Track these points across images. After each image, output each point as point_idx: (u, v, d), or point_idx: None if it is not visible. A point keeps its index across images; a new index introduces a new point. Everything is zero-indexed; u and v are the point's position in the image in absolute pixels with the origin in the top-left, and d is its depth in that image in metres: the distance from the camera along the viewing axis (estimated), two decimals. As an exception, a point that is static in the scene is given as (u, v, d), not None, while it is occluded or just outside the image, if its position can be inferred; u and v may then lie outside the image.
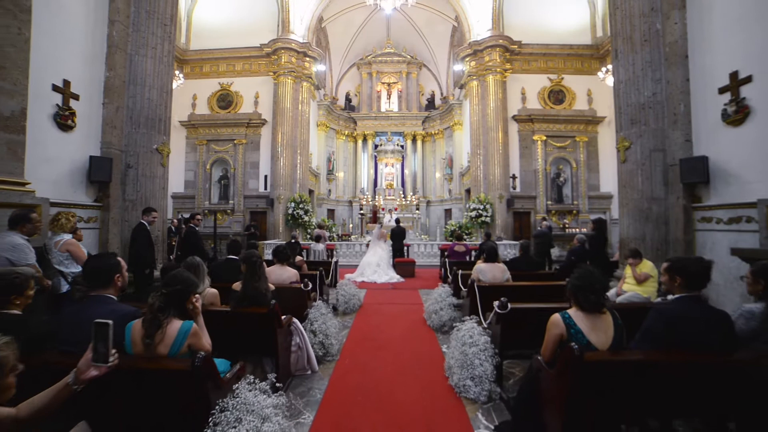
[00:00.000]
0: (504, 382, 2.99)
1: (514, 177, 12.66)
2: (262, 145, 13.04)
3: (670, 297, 2.31)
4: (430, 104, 18.30)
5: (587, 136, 12.65)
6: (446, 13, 16.06)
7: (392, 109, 18.09)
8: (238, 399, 1.87)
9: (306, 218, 12.16)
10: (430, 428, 2.54)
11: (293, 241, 7.04)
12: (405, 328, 4.82)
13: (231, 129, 13.03)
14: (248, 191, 12.93)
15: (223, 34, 13.12)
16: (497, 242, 10.50)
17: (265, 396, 1.98)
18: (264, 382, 2.05)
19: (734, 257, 3.78)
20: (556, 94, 12.88)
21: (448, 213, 16.51)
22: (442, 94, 18.24)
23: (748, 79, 3.92)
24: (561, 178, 12.79)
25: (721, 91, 4.22)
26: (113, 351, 1.32)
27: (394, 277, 8.12)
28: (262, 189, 12.88)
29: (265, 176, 12.92)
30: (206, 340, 1.96)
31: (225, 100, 13.24)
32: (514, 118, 12.78)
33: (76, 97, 4.55)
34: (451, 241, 9.71)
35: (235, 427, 1.71)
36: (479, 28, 13.06)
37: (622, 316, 2.03)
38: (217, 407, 1.77)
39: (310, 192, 14.50)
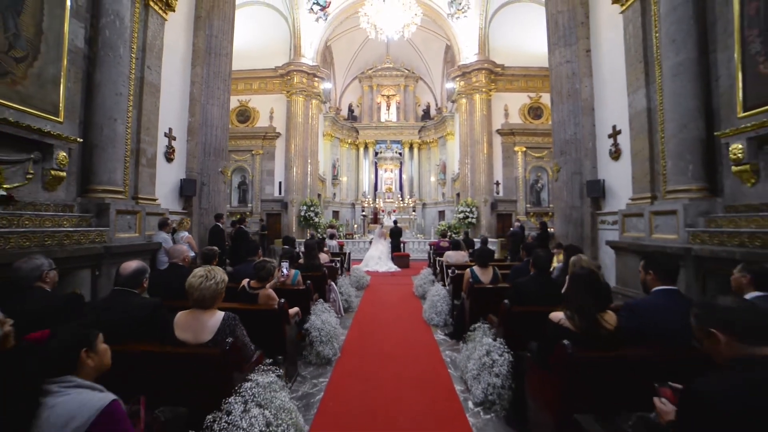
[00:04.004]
0: (454, 314, 5.35)
1: (497, 183, 15.03)
2: (277, 155, 15.38)
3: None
4: (426, 115, 20.70)
5: (561, 148, 15.00)
6: (440, 33, 18.40)
7: (391, 119, 20.48)
8: (317, 306, 4.24)
9: (316, 219, 14.52)
10: (411, 336, 4.90)
11: (320, 237, 9.43)
12: (399, 297, 7.20)
13: (249, 141, 15.37)
14: (264, 196, 15.28)
15: (241, 57, 15.31)
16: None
17: (328, 308, 4.34)
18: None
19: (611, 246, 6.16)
20: (535, 111, 15.25)
21: (441, 214, 18.88)
22: (437, 105, 20.61)
23: (620, 132, 6.30)
24: (539, 184, 15.16)
25: (609, 136, 6.60)
26: (285, 273, 3.69)
27: (392, 267, 10.51)
28: (276, 194, 15.24)
29: (280, 182, 15.28)
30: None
31: (243, 115, 15.59)
32: (497, 131, 15.15)
33: (174, 138, 6.91)
34: (438, 238, 12.10)
35: (319, 316, 4.06)
36: (467, 52, 15.42)
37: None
38: (311, 308, 4.13)
39: (318, 196, 16.83)
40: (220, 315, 2.18)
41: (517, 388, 2.74)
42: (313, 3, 15.12)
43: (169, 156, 6.74)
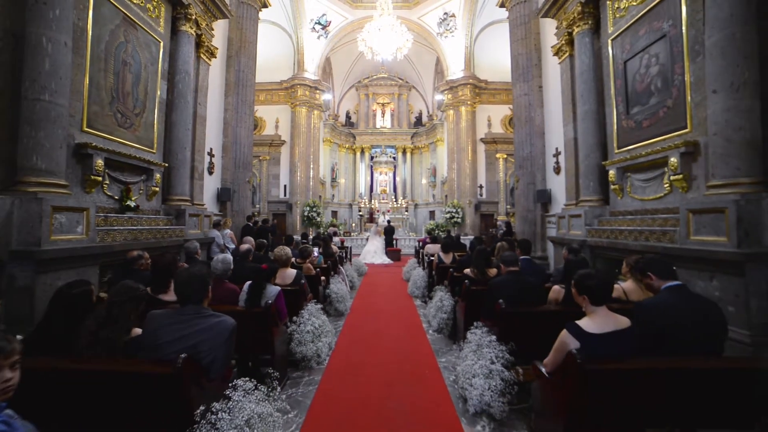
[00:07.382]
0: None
1: (481, 187, 17.22)
2: (282, 161, 17.44)
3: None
4: (418, 121, 22.84)
5: (538, 155, 17.20)
6: (432, 47, 20.51)
7: (386, 125, 22.61)
8: (334, 278, 6.34)
9: (318, 219, 16.60)
10: (398, 302, 7.03)
11: (326, 234, 11.55)
12: (391, 281, 9.34)
13: (257, 148, 17.14)
14: (271, 197, 17.32)
15: (249, 71, 17.41)
16: (464, 236, 15.01)
17: (341, 282, 6.46)
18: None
19: (550, 240, 8.32)
20: (515, 121, 17.41)
21: (432, 214, 21.04)
22: (428, 112, 22.74)
23: (560, 153, 8.47)
24: (518, 188, 17.35)
25: (553, 156, 8.76)
26: (316, 255, 5.78)
27: (386, 260, 12.65)
28: (282, 196, 17.30)
29: (285, 185, 17.34)
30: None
31: (251, 124, 17.60)
32: (481, 140, 17.33)
33: (213, 156, 8.97)
34: (425, 236, 14.25)
35: (336, 284, 6.17)
36: (455, 68, 17.56)
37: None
38: (330, 281, 6.23)
39: (319, 197, 18.90)
40: (293, 271, 4.28)
41: (455, 319, 4.86)
42: (315, 23, 17.19)
43: (210, 170, 8.80)
